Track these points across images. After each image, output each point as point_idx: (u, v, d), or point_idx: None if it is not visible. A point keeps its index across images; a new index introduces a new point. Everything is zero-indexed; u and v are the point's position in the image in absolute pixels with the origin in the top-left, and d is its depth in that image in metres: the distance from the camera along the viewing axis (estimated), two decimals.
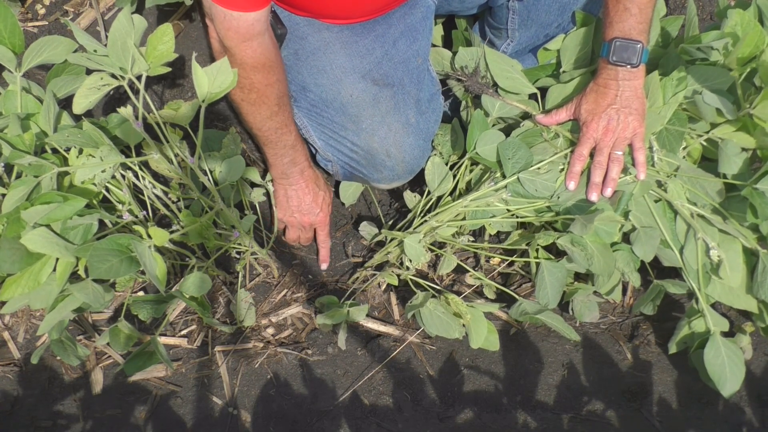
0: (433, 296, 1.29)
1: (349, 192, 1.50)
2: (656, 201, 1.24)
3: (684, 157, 1.26)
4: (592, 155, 1.22)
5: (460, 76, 1.33)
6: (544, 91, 1.32)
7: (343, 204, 1.54)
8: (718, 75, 1.19)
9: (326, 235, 1.47)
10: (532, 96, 1.32)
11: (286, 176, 1.37)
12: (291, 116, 1.30)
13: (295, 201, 1.40)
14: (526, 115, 1.31)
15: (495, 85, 1.33)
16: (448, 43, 1.63)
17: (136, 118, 1.16)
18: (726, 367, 1.19)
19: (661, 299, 1.33)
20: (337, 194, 1.54)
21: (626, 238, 1.26)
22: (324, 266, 1.49)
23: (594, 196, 1.21)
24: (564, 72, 1.32)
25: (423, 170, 1.38)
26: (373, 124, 1.29)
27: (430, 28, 1.39)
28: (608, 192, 1.21)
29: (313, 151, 1.44)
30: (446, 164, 1.37)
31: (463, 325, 1.27)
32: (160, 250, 1.21)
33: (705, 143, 1.25)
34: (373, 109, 1.28)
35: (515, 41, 1.45)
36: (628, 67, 1.15)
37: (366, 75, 1.28)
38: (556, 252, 1.32)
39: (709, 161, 1.29)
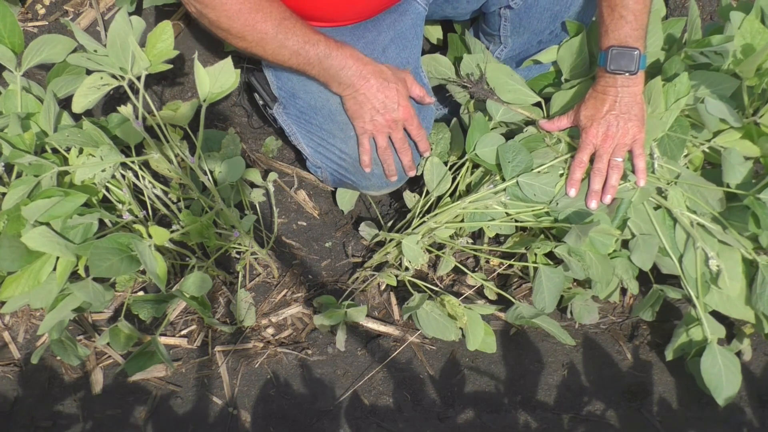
0: (430, 297, 1.29)
1: (346, 198, 1.50)
2: (656, 208, 1.24)
3: (685, 164, 1.26)
4: (592, 161, 1.22)
5: (466, 83, 1.33)
6: (547, 97, 1.32)
7: (342, 211, 1.54)
8: (722, 81, 1.18)
9: (417, 127, 1.30)
10: (536, 103, 1.32)
11: (347, 84, 1.24)
12: (308, 30, 1.19)
13: (368, 105, 1.26)
14: (529, 121, 1.31)
15: None
16: (446, 44, 1.63)
17: (136, 117, 1.16)
18: (722, 376, 1.19)
19: (661, 303, 1.33)
20: (333, 201, 1.54)
21: (625, 244, 1.26)
22: (427, 154, 1.34)
23: (593, 204, 1.21)
24: (566, 80, 1.32)
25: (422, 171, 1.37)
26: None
27: (420, 35, 1.38)
28: (608, 199, 1.20)
29: (303, 157, 1.44)
30: (445, 163, 1.37)
31: (461, 328, 1.27)
32: (160, 250, 1.21)
33: (707, 150, 1.25)
34: None
35: (508, 47, 1.45)
36: (627, 74, 1.14)
37: None
38: (554, 255, 1.32)
39: (711, 166, 1.29)
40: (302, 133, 1.37)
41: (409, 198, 1.44)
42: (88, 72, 1.20)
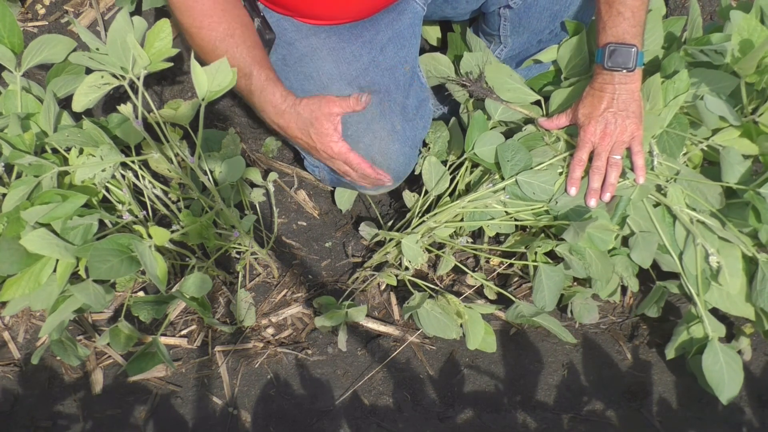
0: (431, 296, 1.29)
1: (344, 198, 1.51)
2: (655, 206, 1.24)
3: (685, 162, 1.26)
4: (591, 159, 1.22)
5: (465, 82, 1.32)
6: (547, 96, 1.32)
7: (342, 211, 1.54)
8: (721, 78, 1.18)
9: (352, 159, 1.23)
10: (536, 102, 1.32)
11: (273, 126, 1.23)
12: (247, 58, 1.17)
13: (303, 146, 1.24)
14: (528, 120, 1.31)
15: None
16: (445, 44, 1.63)
17: (136, 117, 1.16)
18: (724, 374, 1.19)
19: (665, 299, 1.33)
20: (333, 201, 1.54)
21: (625, 241, 1.26)
22: (387, 181, 1.29)
23: (593, 202, 1.21)
24: (565, 79, 1.32)
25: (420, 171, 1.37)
26: (359, 131, 1.28)
27: (418, 35, 1.38)
28: (607, 197, 1.20)
29: (301, 156, 1.44)
30: (445, 162, 1.37)
31: (461, 326, 1.27)
32: (160, 250, 1.21)
33: (706, 148, 1.24)
34: (359, 116, 1.25)
35: (508, 47, 1.45)
36: (624, 71, 1.14)
37: (352, 82, 1.27)
38: (554, 254, 1.32)
39: (711, 164, 1.29)
40: None
41: (409, 197, 1.44)
42: (88, 71, 1.20)
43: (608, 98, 1.16)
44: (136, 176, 1.27)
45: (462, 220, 1.31)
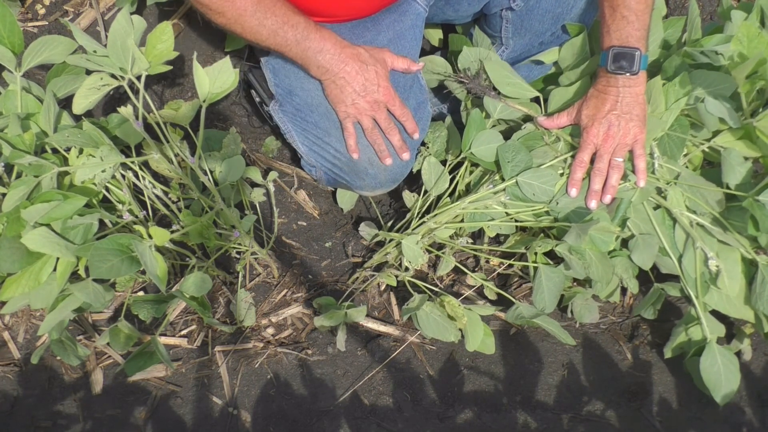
0: (430, 298, 1.29)
1: (346, 197, 1.51)
2: (655, 208, 1.24)
3: (685, 164, 1.26)
4: (592, 161, 1.22)
5: (463, 79, 1.32)
6: (546, 95, 1.32)
7: (342, 211, 1.54)
8: (721, 80, 1.18)
9: (400, 106, 1.28)
10: (535, 99, 1.32)
11: (325, 69, 1.23)
12: (288, 11, 1.19)
13: (348, 88, 1.25)
14: (527, 118, 1.31)
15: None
16: (446, 45, 1.63)
17: (136, 117, 1.16)
18: (721, 376, 1.19)
19: (662, 301, 1.33)
20: (334, 201, 1.54)
21: (625, 243, 1.26)
22: (416, 136, 1.32)
23: (593, 204, 1.21)
24: (565, 77, 1.32)
25: (420, 171, 1.37)
26: (358, 131, 1.29)
27: (419, 37, 1.38)
28: (607, 199, 1.20)
29: (299, 156, 1.44)
30: (444, 162, 1.37)
31: (460, 329, 1.27)
32: (160, 249, 1.21)
33: (707, 149, 1.24)
34: None
35: (510, 48, 1.45)
36: (628, 74, 1.14)
37: None
38: (554, 255, 1.32)
39: (711, 165, 1.28)
40: (297, 131, 1.37)
41: (409, 198, 1.44)
42: (88, 72, 1.20)
43: (612, 100, 1.16)
44: (136, 176, 1.27)
45: (462, 220, 1.31)
